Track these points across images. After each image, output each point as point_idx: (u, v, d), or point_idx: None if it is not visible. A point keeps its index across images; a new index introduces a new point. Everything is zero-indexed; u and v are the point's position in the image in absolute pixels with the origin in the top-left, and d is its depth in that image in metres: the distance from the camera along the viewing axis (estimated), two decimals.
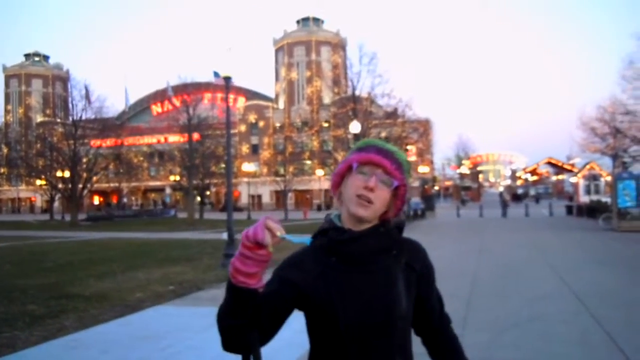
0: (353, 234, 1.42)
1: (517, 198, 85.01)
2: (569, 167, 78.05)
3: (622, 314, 6.89)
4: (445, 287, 7.95)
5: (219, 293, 9.01)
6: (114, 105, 69.75)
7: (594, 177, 46.25)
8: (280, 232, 1.29)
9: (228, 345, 1.37)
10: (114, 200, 75.63)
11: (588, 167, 43.27)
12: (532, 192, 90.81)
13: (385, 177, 1.40)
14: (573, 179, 52.24)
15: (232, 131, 68.39)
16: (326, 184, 58.47)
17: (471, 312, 7.17)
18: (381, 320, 1.39)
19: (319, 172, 57.13)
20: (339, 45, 67.56)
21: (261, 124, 72.97)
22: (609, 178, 33.77)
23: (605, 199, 32.18)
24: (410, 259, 1.51)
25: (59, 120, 50.78)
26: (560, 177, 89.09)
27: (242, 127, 73.24)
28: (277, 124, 72.52)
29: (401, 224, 1.53)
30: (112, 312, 7.57)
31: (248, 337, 1.35)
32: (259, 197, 71.42)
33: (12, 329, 6.61)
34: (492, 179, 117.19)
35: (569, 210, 37.27)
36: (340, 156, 31.86)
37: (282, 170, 56.16)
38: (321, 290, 1.39)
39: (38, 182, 51.93)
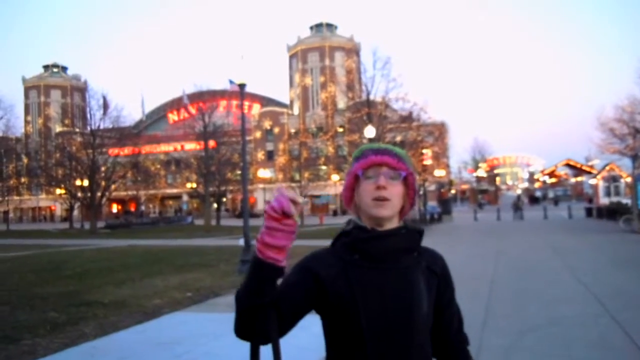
0: (376, 232, 1.44)
1: (534, 200, 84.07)
2: (588, 169, 76.99)
3: None
4: (464, 291, 7.89)
5: None
6: (131, 114, 70.53)
7: (613, 179, 45.54)
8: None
9: (244, 329, 1.35)
10: (132, 208, 76.45)
11: (607, 168, 42.63)
12: (550, 194, 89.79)
13: (391, 172, 1.43)
14: (592, 181, 51.51)
15: (248, 138, 68.78)
16: (342, 189, 58.42)
17: (490, 315, 7.10)
18: (402, 318, 1.40)
19: (335, 177, 57.05)
20: (352, 50, 67.57)
21: (276, 130, 73.27)
22: (629, 179, 33.20)
23: (626, 200, 31.65)
24: (431, 263, 1.55)
25: (77, 130, 51.56)
26: (579, 179, 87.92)
27: (258, 134, 73.61)
28: (292, 130, 72.76)
29: (421, 231, 1.56)
30: (130, 319, 7.64)
31: (267, 321, 1.34)
32: None
33: (34, 335, 6.70)
34: (509, 182, 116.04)
35: (589, 212, 36.75)
36: None
37: (297, 176, 56.27)
38: (342, 286, 1.40)
39: (58, 191, 52.74)
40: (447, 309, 1.61)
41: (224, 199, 59.97)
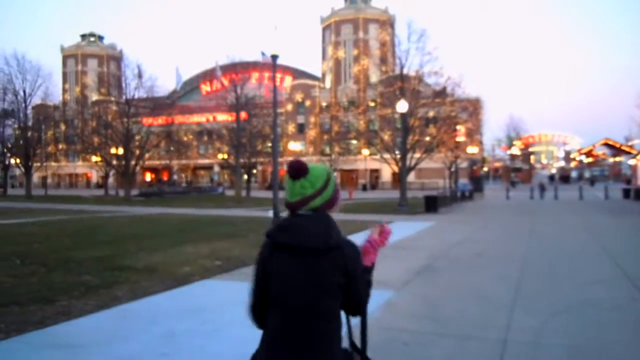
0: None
1: (565, 180, 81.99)
2: (627, 149, 74.51)
3: None
4: (494, 271, 7.79)
5: None
6: (165, 84, 71.33)
7: None
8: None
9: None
10: (165, 177, 77.86)
11: None
12: (586, 174, 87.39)
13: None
14: (631, 161, 49.87)
15: (279, 110, 68.81)
16: (372, 164, 58.08)
17: (520, 295, 6.97)
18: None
19: (365, 151, 56.70)
20: (387, 23, 66.19)
21: (307, 103, 73.00)
22: None
23: None
24: None
25: (113, 98, 52.42)
26: (618, 159, 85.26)
27: (289, 107, 73.50)
28: (324, 103, 72.38)
29: None
30: (161, 284, 7.79)
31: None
32: None
33: (69, 297, 6.91)
34: (544, 161, 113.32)
35: (626, 193, 35.61)
36: (387, 136, 31.42)
37: (327, 150, 56.13)
38: None
39: (94, 158, 54.01)
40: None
41: (255, 171, 60.40)
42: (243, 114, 40.56)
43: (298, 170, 1.86)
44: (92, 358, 4.60)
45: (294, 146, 58.24)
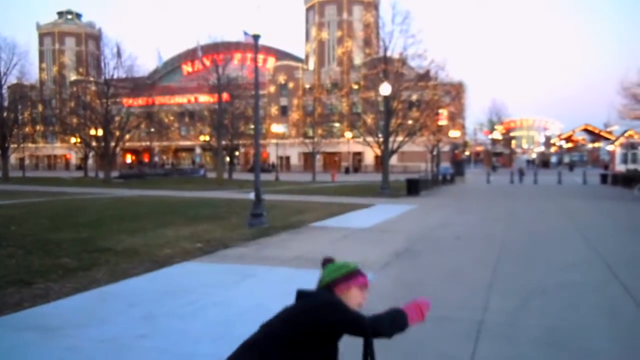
0: None
1: (544, 165, 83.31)
2: (606, 135, 75.70)
3: None
4: (472, 253, 7.89)
5: (246, 251, 9.14)
6: (145, 64, 70.17)
7: (631, 146, 44.70)
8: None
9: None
10: (146, 159, 77.01)
11: (626, 134, 41.76)
12: (566, 159, 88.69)
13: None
14: (610, 147, 50.72)
15: (262, 92, 68.09)
16: (355, 147, 58.13)
17: (497, 278, 7.09)
18: None
19: (348, 134, 56.68)
20: (371, 4, 65.80)
21: (291, 85, 72.54)
22: None
23: None
24: None
25: (91, 78, 51.41)
26: (597, 145, 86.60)
27: (272, 88, 72.97)
28: (307, 85, 71.98)
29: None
30: (141, 267, 7.75)
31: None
32: (287, 158, 71.70)
33: (46, 280, 6.83)
34: (525, 146, 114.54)
35: (604, 179, 36.29)
36: (369, 119, 31.40)
37: (310, 132, 56.00)
38: None
39: (72, 139, 53.11)
40: None
41: (237, 153, 60.03)
42: (225, 96, 40.14)
43: (325, 260, 2.34)
44: (70, 340, 4.57)
45: (277, 128, 57.92)
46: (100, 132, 42.51)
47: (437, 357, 4.18)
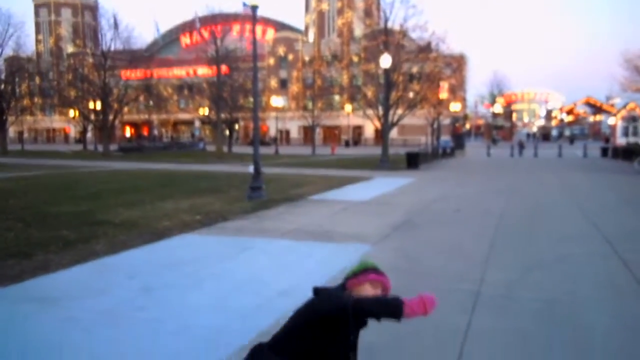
0: None
1: (545, 138, 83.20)
2: (607, 108, 75.24)
3: None
4: (471, 226, 7.89)
5: (245, 224, 9.15)
6: (142, 36, 69.27)
7: (633, 119, 44.46)
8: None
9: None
10: (145, 132, 76.70)
11: (628, 107, 41.50)
12: (567, 132, 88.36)
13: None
14: (611, 120, 50.47)
15: (261, 64, 67.30)
16: (355, 120, 57.83)
17: (495, 251, 7.11)
18: None
19: (348, 107, 56.33)
20: None
21: (290, 57, 71.73)
22: None
23: None
24: None
25: (88, 50, 50.79)
26: (598, 118, 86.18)
27: (271, 60, 72.19)
28: (307, 58, 71.18)
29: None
30: (140, 239, 7.76)
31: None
32: (287, 132, 71.42)
33: (46, 252, 6.86)
34: (526, 119, 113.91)
35: (604, 152, 36.20)
36: (369, 91, 31.14)
37: (310, 105, 55.61)
38: None
39: (71, 112, 52.80)
40: None
41: (237, 126, 59.74)
42: (224, 68, 39.75)
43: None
44: (69, 311, 4.59)
45: (276, 101, 57.35)
46: (98, 105, 42.21)
47: (432, 327, 4.20)
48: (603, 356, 3.75)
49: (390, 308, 2.19)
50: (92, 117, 44.70)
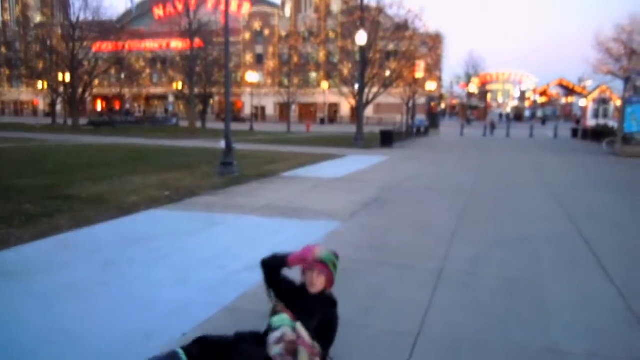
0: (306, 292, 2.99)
1: (518, 118, 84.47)
2: (579, 90, 76.51)
3: (613, 237, 6.92)
4: (440, 204, 7.97)
5: (215, 200, 9.08)
6: (113, 6, 67.20)
7: (603, 101, 45.31)
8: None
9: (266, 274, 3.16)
10: (117, 106, 74.99)
11: (599, 90, 42.25)
12: (539, 113, 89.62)
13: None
14: (582, 102, 51.32)
15: (236, 39, 66.20)
16: (331, 98, 57.55)
17: (461, 228, 7.21)
18: None
19: (324, 85, 55.94)
20: None
21: (266, 32, 70.63)
22: (618, 102, 33.14)
23: (613, 123, 31.74)
24: None
25: (56, 21, 49.03)
26: (570, 99, 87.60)
27: (247, 35, 70.97)
28: (283, 33, 70.19)
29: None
30: (106, 214, 7.63)
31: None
32: (263, 108, 70.71)
33: (8, 226, 6.68)
34: (500, 99, 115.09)
35: (574, 133, 36.91)
36: (346, 69, 30.95)
37: (286, 82, 55.04)
38: None
39: (39, 85, 51.21)
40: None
41: (211, 102, 58.81)
42: (198, 41, 38.92)
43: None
44: (29, 285, 4.50)
45: (252, 77, 56.51)
46: (67, 77, 41.02)
47: (394, 302, 4.25)
48: (560, 328, 3.85)
49: (278, 259, 3.02)
50: (61, 89, 43.44)
